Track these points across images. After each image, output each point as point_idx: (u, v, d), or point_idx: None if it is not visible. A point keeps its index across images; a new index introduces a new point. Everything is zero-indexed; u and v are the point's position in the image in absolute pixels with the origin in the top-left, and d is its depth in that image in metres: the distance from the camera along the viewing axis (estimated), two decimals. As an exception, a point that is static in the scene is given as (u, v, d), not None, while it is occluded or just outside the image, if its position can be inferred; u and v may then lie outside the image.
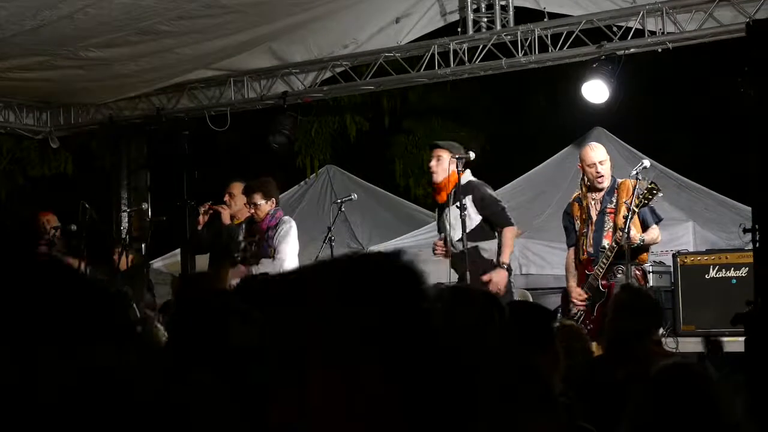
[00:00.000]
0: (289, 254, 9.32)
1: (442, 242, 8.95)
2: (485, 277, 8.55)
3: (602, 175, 8.49)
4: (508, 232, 8.81)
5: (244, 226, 9.78)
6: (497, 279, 8.56)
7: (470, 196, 8.74)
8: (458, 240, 8.69)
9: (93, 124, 13.18)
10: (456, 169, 8.69)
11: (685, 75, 15.99)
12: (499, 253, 8.75)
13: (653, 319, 5.89)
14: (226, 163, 16.57)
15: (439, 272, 9.12)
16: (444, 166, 8.83)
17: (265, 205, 9.53)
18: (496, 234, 8.83)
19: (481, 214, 8.78)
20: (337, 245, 10.79)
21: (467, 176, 8.92)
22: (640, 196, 8.13)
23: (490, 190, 9.02)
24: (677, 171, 12.98)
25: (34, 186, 17.10)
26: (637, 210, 8.18)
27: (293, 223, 9.55)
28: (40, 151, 15.94)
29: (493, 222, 8.83)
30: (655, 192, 8.14)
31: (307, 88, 11.83)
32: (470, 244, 8.60)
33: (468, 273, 8.45)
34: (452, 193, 8.75)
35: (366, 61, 11.37)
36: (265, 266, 9.16)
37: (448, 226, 8.82)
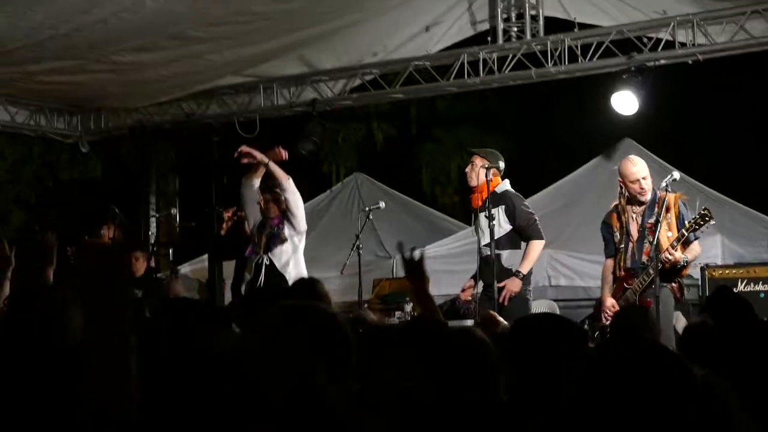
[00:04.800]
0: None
1: (471, 287, 9.04)
2: (500, 285, 8.66)
3: (645, 191, 8.46)
4: (535, 245, 8.91)
5: (259, 220, 9.74)
6: (510, 286, 8.69)
7: (503, 206, 8.84)
8: (485, 245, 8.80)
9: (123, 129, 13.24)
10: (495, 175, 8.85)
11: (714, 86, 15.93)
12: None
13: None
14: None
15: (466, 279, 9.24)
16: (477, 172, 8.94)
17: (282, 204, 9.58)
18: (524, 245, 8.92)
19: (511, 225, 8.87)
20: (365, 253, 10.79)
21: (504, 186, 9.01)
22: (692, 223, 8.09)
23: (524, 204, 9.07)
24: (705, 183, 12.92)
25: (64, 190, 17.18)
26: (687, 234, 8.13)
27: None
28: (71, 155, 16.03)
29: (523, 234, 8.92)
30: (708, 219, 8.08)
31: (336, 95, 11.86)
32: (496, 252, 8.71)
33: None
34: (486, 200, 8.84)
35: (395, 69, 11.40)
36: (278, 253, 9.27)
37: (479, 232, 8.91)
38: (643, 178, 8.44)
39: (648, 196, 8.42)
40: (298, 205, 9.29)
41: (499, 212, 8.82)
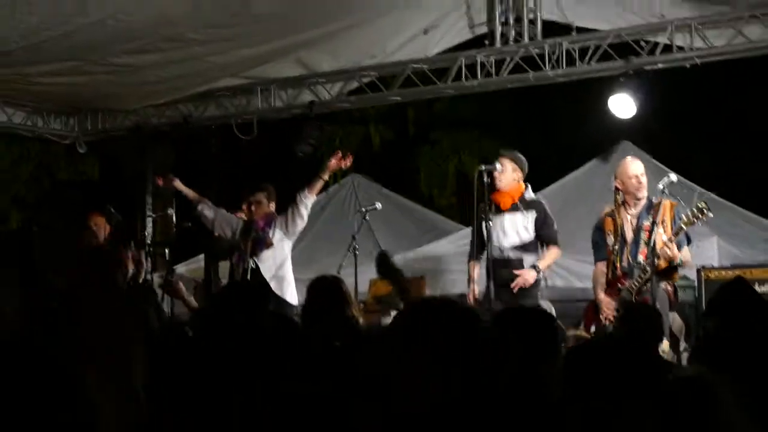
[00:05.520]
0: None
1: (476, 295, 9.15)
2: (516, 272, 8.98)
3: (643, 185, 8.54)
4: (554, 250, 9.34)
5: (242, 224, 9.88)
6: (526, 276, 8.99)
7: (534, 214, 9.12)
8: (510, 247, 9.09)
9: (120, 130, 13.23)
10: (518, 180, 9.22)
11: (711, 90, 15.95)
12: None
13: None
14: (251, 171, 16.61)
15: (463, 279, 9.34)
16: (508, 174, 9.18)
17: (266, 206, 9.83)
18: (541, 250, 9.27)
19: (537, 232, 9.16)
20: (361, 254, 10.81)
21: (531, 193, 9.33)
22: (690, 215, 8.10)
23: (551, 215, 9.32)
24: (702, 186, 12.94)
25: (64, 191, 17.20)
26: (685, 228, 8.16)
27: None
28: (67, 156, 16.04)
29: (546, 241, 9.25)
30: (705, 212, 8.10)
31: (333, 97, 11.86)
32: (518, 254, 9.11)
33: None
34: (517, 202, 9.16)
35: (393, 71, 11.39)
36: (264, 257, 9.54)
37: (500, 232, 9.09)
38: (642, 174, 8.53)
39: (644, 193, 8.48)
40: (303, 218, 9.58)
41: (529, 218, 9.14)
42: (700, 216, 8.07)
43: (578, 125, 16.28)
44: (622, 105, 10.22)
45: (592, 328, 8.56)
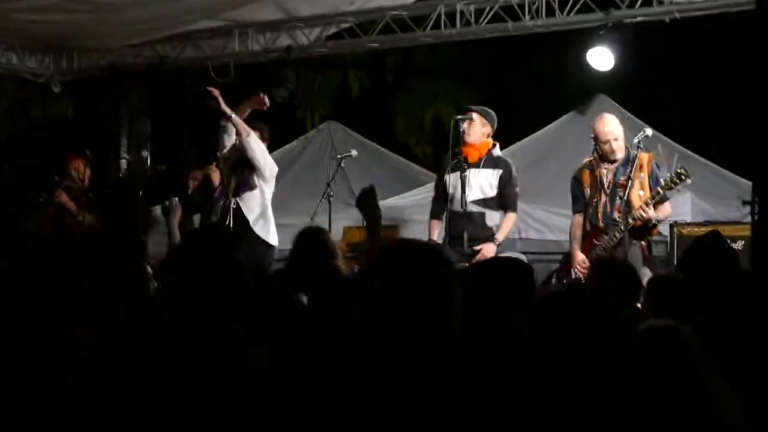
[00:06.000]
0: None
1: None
2: (478, 247, 8.93)
3: (616, 151, 8.54)
4: (512, 218, 9.33)
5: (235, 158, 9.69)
6: (486, 251, 8.92)
7: (500, 171, 9.05)
8: (472, 201, 9.02)
9: (96, 70, 13.12)
10: (487, 135, 9.23)
11: (690, 46, 15.93)
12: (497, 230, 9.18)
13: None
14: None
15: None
16: (477, 129, 9.19)
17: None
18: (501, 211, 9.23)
19: (498, 191, 9.14)
20: (335, 201, 10.80)
21: (498, 151, 9.34)
22: (669, 182, 8.13)
23: (516, 175, 9.27)
24: (678, 142, 12.95)
25: (35, 129, 17.08)
26: (663, 193, 8.18)
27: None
28: (42, 94, 15.89)
29: (505, 203, 9.23)
30: (684, 177, 8.12)
31: (312, 42, 11.79)
32: (480, 209, 9.08)
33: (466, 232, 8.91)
34: (484, 158, 9.15)
35: (372, 17, 11.32)
36: (247, 198, 9.41)
37: (464, 186, 9.00)
38: (615, 139, 8.50)
39: (619, 156, 8.49)
40: (260, 159, 9.34)
41: (494, 175, 9.11)
42: (678, 181, 8.10)
43: (558, 77, 16.25)
44: (601, 58, 10.21)
45: (564, 282, 8.61)
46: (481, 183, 9.10)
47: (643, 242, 8.46)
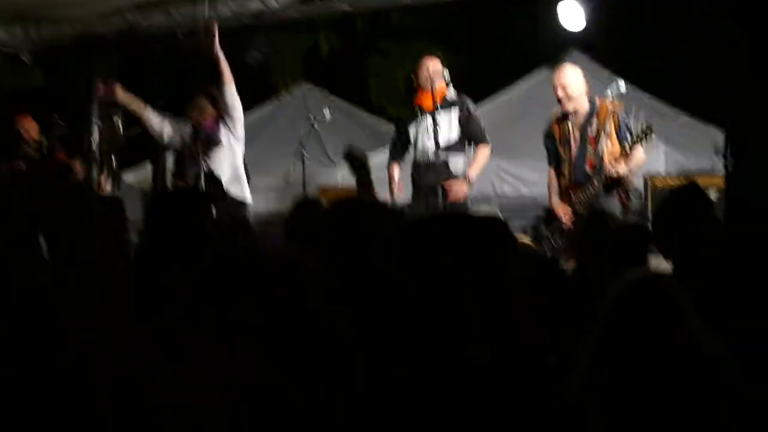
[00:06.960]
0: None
1: (400, 184, 9.09)
2: (446, 185, 8.72)
3: (564, 102, 8.43)
4: (483, 150, 9.05)
5: (190, 128, 9.61)
6: (456, 190, 8.77)
7: (457, 111, 8.87)
8: (433, 150, 8.79)
9: (65, 40, 13.00)
10: (444, 80, 8.95)
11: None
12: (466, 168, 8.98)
13: None
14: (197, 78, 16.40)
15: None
16: (430, 74, 8.91)
17: (211, 109, 9.51)
18: (469, 149, 9.02)
19: (462, 130, 8.93)
20: (310, 162, 10.78)
21: (451, 92, 9.08)
22: (636, 138, 8.13)
23: (474, 107, 9.12)
24: (652, 93, 12.98)
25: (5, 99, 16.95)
26: (630, 151, 8.17)
27: None
28: (11, 65, 15.75)
29: (472, 138, 8.98)
30: (649, 133, 8.13)
31: (282, 6, 11.70)
32: (443, 155, 8.79)
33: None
34: (441, 103, 8.86)
35: (343, -21, 11.24)
36: (218, 159, 9.25)
37: (423, 134, 8.93)
38: (563, 88, 8.41)
39: (568, 108, 8.42)
40: (238, 109, 9.25)
41: (452, 117, 8.87)
42: (645, 137, 8.11)
43: (532, 36, 16.22)
44: (572, 15, 10.15)
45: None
46: (441, 128, 8.81)
47: (621, 192, 8.46)
